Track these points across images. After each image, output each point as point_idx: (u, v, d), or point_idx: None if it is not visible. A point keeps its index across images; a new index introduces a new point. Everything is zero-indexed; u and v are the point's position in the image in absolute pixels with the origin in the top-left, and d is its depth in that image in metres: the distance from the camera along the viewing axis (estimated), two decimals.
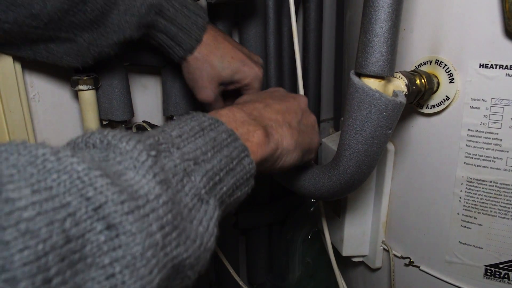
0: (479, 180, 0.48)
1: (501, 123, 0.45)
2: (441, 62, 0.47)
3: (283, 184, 0.55)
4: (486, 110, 0.46)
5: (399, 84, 0.43)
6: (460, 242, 0.51)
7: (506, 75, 0.44)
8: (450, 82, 0.47)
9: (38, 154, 0.22)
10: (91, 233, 0.22)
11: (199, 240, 0.29)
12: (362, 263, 0.65)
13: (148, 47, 0.59)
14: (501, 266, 0.49)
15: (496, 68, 0.44)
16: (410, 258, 0.56)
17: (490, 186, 0.47)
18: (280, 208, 0.91)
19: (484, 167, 0.47)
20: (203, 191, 0.31)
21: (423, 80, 0.46)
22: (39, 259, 0.19)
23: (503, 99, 0.44)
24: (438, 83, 0.48)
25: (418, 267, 0.56)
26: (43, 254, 0.19)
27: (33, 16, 0.43)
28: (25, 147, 0.22)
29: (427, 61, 0.48)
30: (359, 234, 0.61)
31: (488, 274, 0.50)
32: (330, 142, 0.64)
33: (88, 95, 0.57)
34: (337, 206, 0.63)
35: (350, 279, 0.71)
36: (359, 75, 0.40)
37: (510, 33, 0.42)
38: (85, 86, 0.56)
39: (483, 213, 0.48)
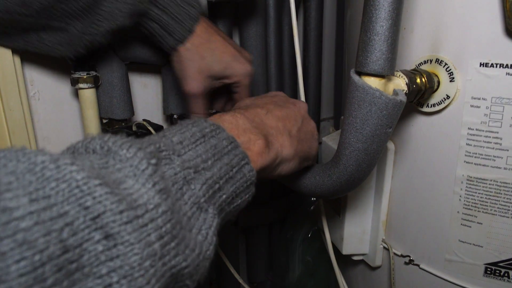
0: (479, 178, 0.48)
1: (501, 122, 0.45)
2: (441, 61, 0.47)
3: (283, 183, 0.55)
4: (486, 109, 0.46)
5: (400, 82, 0.43)
6: (460, 241, 0.51)
7: (507, 74, 0.44)
8: (451, 81, 0.47)
9: (37, 162, 0.22)
10: (89, 242, 0.22)
11: (198, 249, 0.29)
12: (362, 262, 0.65)
13: (148, 45, 0.59)
14: (501, 264, 0.49)
15: (496, 67, 0.44)
16: (410, 257, 0.56)
17: (490, 184, 0.48)
18: (280, 207, 0.92)
19: (484, 165, 0.47)
20: (202, 200, 0.31)
21: (423, 79, 0.46)
22: (35, 270, 0.19)
23: (504, 98, 0.44)
24: (439, 82, 0.48)
25: (418, 265, 0.56)
26: (40, 264, 0.19)
27: (24, 4, 0.42)
28: (24, 154, 0.22)
29: (428, 60, 0.48)
30: (359, 232, 0.61)
31: (488, 272, 0.50)
32: (330, 141, 0.64)
33: (88, 93, 0.57)
34: (337, 204, 0.63)
35: (350, 278, 0.71)
36: (360, 73, 0.40)
37: (511, 32, 0.42)
38: (85, 84, 0.56)
39: (483, 211, 0.49)
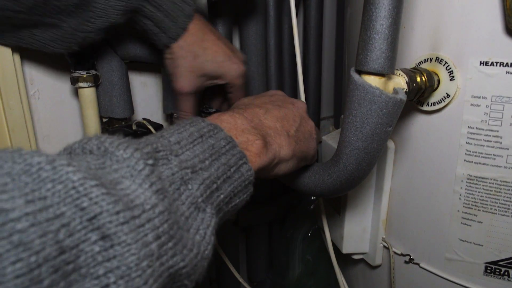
0: (479, 177, 0.48)
1: (501, 121, 0.45)
2: (441, 59, 0.47)
3: (283, 182, 0.55)
4: (486, 107, 0.46)
5: (400, 81, 0.43)
6: (460, 240, 0.51)
7: (507, 72, 0.44)
8: (451, 80, 0.47)
9: (33, 163, 0.22)
10: (86, 243, 0.22)
11: (196, 249, 0.29)
12: (362, 261, 0.65)
13: (148, 44, 0.59)
14: (501, 263, 0.49)
15: (496, 65, 0.44)
16: (410, 256, 0.56)
17: (490, 183, 0.47)
18: (280, 206, 0.92)
19: (484, 164, 0.47)
20: (200, 200, 0.30)
21: (423, 78, 0.46)
22: (31, 271, 0.19)
23: (504, 97, 0.44)
24: (439, 81, 0.48)
25: (418, 264, 0.56)
26: (36, 266, 0.19)
27: (16, 0, 0.42)
28: (20, 155, 0.22)
29: (428, 58, 0.48)
30: (359, 231, 0.61)
31: (488, 271, 0.50)
32: (330, 139, 0.64)
33: (88, 92, 0.57)
34: (337, 203, 0.63)
35: (350, 277, 0.71)
36: (360, 72, 0.40)
37: (511, 30, 0.42)
38: (85, 83, 0.56)
39: (483, 210, 0.49)
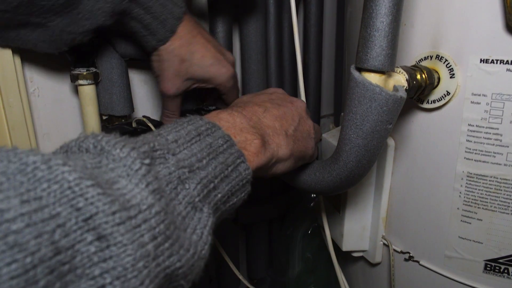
0: (479, 175, 0.48)
1: (501, 118, 0.45)
2: (441, 57, 0.47)
3: (283, 179, 0.55)
4: (486, 105, 0.46)
5: (400, 79, 0.43)
6: (460, 237, 0.51)
7: (507, 70, 0.44)
8: (451, 77, 0.47)
9: (29, 162, 0.22)
10: (81, 244, 0.22)
11: (193, 249, 0.29)
12: (362, 258, 0.65)
13: None
14: (501, 261, 0.49)
15: (496, 63, 0.44)
16: (410, 253, 0.56)
17: (490, 181, 0.47)
18: (280, 204, 0.92)
19: (484, 162, 0.47)
20: (197, 199, 0.30)
21: (423, 75, 0.46)
22: (27, 272, 0.19)
23: (504, 94, 0.44)
24: (439, 78, 0.48)
25: (418, 262, 0.56)
26: (31, 267, 0.19)
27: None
28: (15, 154, 0.22)
29: (428, 56, 0.48)
30: (359, 229, 0.61)
31: (487, 269, 0.50)
32: (330, 137, 0.64)
33: (88, 89, 0.57)
34: (337, 201, 0.63)
35: (350, 274, 0.71)
36: (360, 69, 0.40)
37: (511, 27, 0.42)
38: (85, 80, 0.56)
39: (483, 208, 0.49)
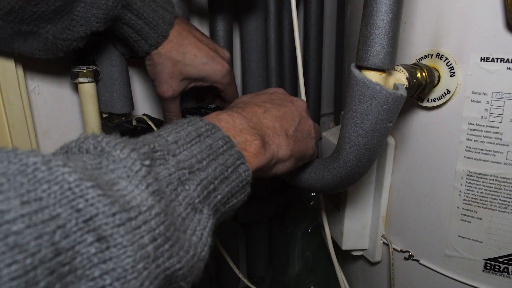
0: (479, 174, 0.48)
1: (501, 117, 0.45)
2: (442, 55, 0.47)
3: (283, 178, 0.55)
4: (486, 103, 0.46)
5: (400, 77, 0.43)
6: (460, 236, 0.51)
7: (507, 68, 0.44)
8: (451, 76, 0.47)
9: (29, 163, 0.22)
10: (81, 245, 0.22)
11: (193, 250, 0.29)
12: (361, 257, 0.65)
13: None
14: (500, 260, 0.49)
15: (497, 61, 0.44)
16: (409, 252, 0.56)
17: (490, 180, 0.47)
18: (280, 202, 0.92)
19: (484, 161, 0.47)
20: (197, 200, 0.30)
21: (424, 74, 0.46)
22: (27, 273, 0.19)
23: (504, 93, 0.44)
24: (439, 77, 0.47)
25: (417, 261, 0.56)
26: (31, 268, 0.19)
27: None
28: (15, 155, 0.22)
29: (428, 54, 0.48)
30: (359, 228, 0.61)
31: (487, 268, 0.50)
32: (330, 136, 0.64)
33: (88, 87, 0.57)
34: (337, 199, 0.63)
35: (350, 273, 0.71)
36: (360, 68, 0.40)
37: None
38: (85, 78, 0.56)
39: (483, 207, 0.48)
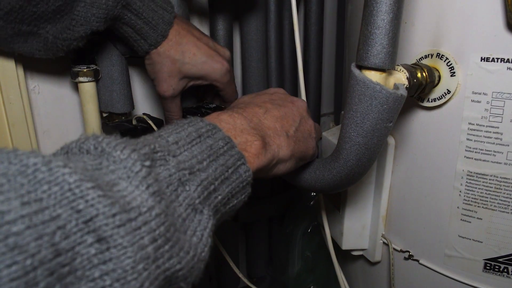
0: (479, 174, 0.48)
1: (502, 117, 0.45)
2: (442, 55, 0.47)
3: (283, 178, 0.55)
4: (487, 103, 0.45)
5: (400, 77, 0.43)
6: (460, 236, 0.51)
7: (508, 68, 0.44)
8: (451, 76, 0.47)
9: (29, 164, 0.22)
10: (81, 246, 0.22)
11: (193, 251, 0.29)
12: (361, 257, 0.65)
13: None
14: (500, 260, 0.49)
15: (497, 61, 0.44)
16: (409, 252, 0.56)
17: (490, 180, 0.47)
18: (280, 202, 0.92)
19: (484, 161, 0.47)
20: (197, 201, 0.30)
21: (424, 73, 0.46)
22: (27, 274, 0.19)
23: (504, 93, 0.44)
24: (439, 77, 0.47)
25: (417, 260, 0.56)
26: (31, 269, 0.19)
27: None
28: (16, 156, 0.22)
29: (428, 54, 0.48)
30: (359, 227, 0.61)
31: (487, 268, 0.50)
32: (331, 135, 0.64)
33: (88, 87, 0.57)
34: (337, 199, 0.63)
35: (350, 273, 0.71)
36: (360, 67, 0.40)
37: None
38: (85, 78, 0.56)
39: (483, 207, 0.48)
